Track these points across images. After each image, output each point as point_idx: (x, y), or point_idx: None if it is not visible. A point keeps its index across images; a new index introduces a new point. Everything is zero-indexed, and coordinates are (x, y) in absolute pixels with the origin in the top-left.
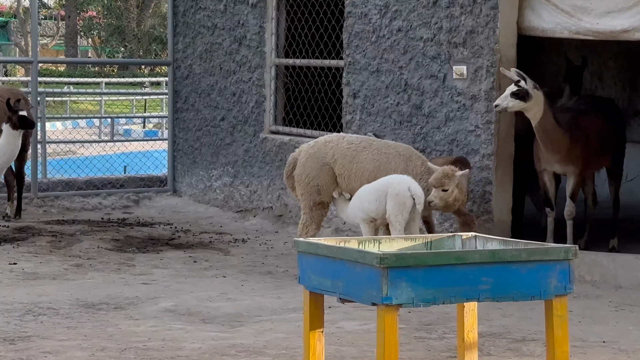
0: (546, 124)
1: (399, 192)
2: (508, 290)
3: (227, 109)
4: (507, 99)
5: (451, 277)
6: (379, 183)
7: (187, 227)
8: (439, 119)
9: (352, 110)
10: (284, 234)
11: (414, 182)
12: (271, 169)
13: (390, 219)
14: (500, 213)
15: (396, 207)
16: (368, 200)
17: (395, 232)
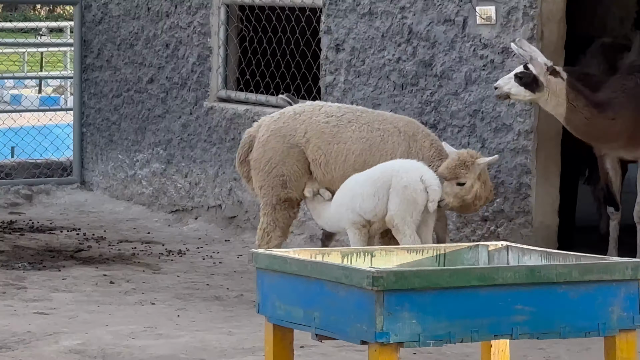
0: (576, 120)
1: (409, 184)
2: (553, 322)
3: (157, 66)
4: (511, 82)
5: (473, 305)
6: (379, 171)
7: (100, 234)
8: (456, 81)
9: (334, 69)
10: (238, 244)
11: (428, 170)
12: (220, 152)
13: (396, 221)
14: (543, 214)
15: (404, 206)
16: (362, 196)
17: (404, 240)
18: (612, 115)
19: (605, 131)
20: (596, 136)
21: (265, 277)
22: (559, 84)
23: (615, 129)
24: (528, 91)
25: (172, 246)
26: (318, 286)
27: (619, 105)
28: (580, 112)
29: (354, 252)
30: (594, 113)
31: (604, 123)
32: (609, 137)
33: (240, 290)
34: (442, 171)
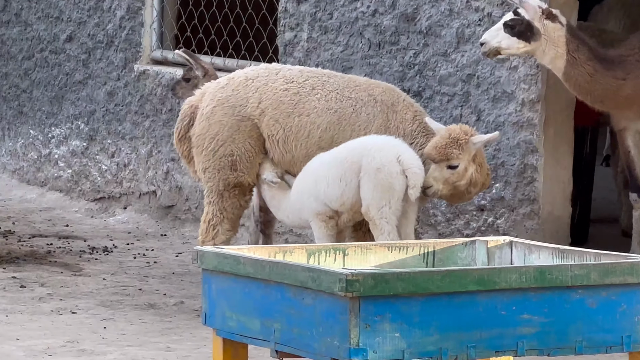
0: (576, 76)
1: (382, 166)
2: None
3: (77, 21)
4: (500, 34)
5: (470, 314)
6: (347, 149)
7: (7, 227)
8: (446, 39)
9: (295, 24)
10: (177, 239)
11: (408, 149)
12: (154, 126)
13: (371, 213)
14: (552, 202)
15: (378, 193)
16: (327, 180)
17: (381, 238)
18: (622, 75)
19: (612, 93)
20: (600, 98)
21: (212, 281)
22: (558, 30)
23: (625, 91)
24: (522, 41)
25: (96, 242)
26: (279, 292)
27: (633, 64)
28: (582, 67)
29: (322, 250)
30: (598, 69)
31: (612, 83)
32: (618, 102)
33: (181, 296)
34: (429, 151)
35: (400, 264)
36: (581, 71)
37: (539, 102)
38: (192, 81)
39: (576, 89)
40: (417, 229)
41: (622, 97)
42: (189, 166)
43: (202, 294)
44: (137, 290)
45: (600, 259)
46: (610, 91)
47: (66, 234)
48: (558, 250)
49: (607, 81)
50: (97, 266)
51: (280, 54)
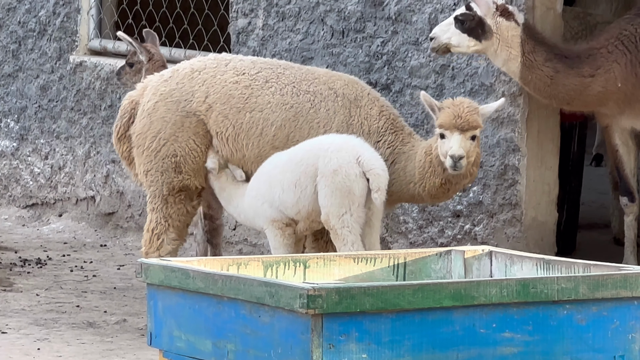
0: (535, 80)
1: (339, 168)
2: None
3: (5, 7)
4: (451, 30)
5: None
6: (303, 150)
7: None
8: (417, 25)
9: (249, 10)
10: (118, 250)
11: (369, 148)
12: (92, 124)
13: (331, 222)
14: (536, 207)
15: (337, 199)
16: (281, 184)
17: (344, 246)
18: (589, 71)
19: (578, 93)
20: (566, 100)
21: (159, 297)
22: (512, 29)
23: (595, 89)
24: (472, 39)
25: (28, 253)
26: (232, 309)
27: (604, 57)
28: (539, 69)
29: (281, 262)
30: (560, 69)
31: (576, 82)
32: (587, 101)
33: (123, 313)
34: (451, 121)
35: (367, 277)
36: (539, 74)
37: (521, 95)
38: (136, 66)
39: (537, 92)
40: (386, 238)
41: (591, 95)
42: (130, 168)
43: (147, 312)
44: (74, 307)
45: (590, 270)
46: (575, 91)
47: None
48: (543, 260)
49: (571, 81)
50: (29, 280)
51: (232, 43)
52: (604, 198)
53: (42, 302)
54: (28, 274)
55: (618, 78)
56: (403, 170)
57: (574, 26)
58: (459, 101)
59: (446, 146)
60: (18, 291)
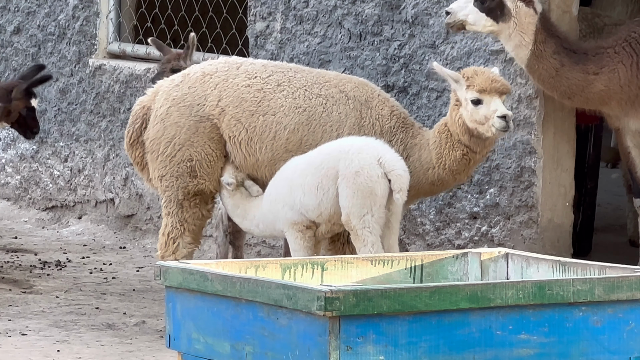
0: (541, 70)
1: (361, 169)
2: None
3: (26, 10)
4: (469, 7)
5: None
6: (323, 154)
7: None
8: (434, 29)
9: (267, 14)
10: (137, 252)
11: (389, 150)
12: (111, 127)
13: (352, 222)
14: (553, 209)
15: (359, 199)
16: (302, 188)
17: (364, 247)
18: (594, 69)
19: (581, 89)
20: (568, 94)
21: (177, 299)
22: (530, 16)
23: (597, 87)
24: (490, 19)
25: (48, 256)
26: (250, 311)
27: (610, 57)
28: (547, 60)
29: (298, 264)
30: (566, 63)
31: (580, 78)
32: (588, 98)
33: (142, 315)
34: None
35: (384, 280)
36: (546, 65)
37: (537, 98)
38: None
39: (540, 82)
40: (403, 240)
41: (593, 93)
42: (142, 173)
43: (165, 314)
44: (93, 309)
45: (606, 272)
46: (578, 87)
47: (15, 247)
48: (559, 262)
49: (575, 76)
50: (49, 282)
51: (250, 47)
52: (620, 200)
53: (61, 304)
54: (48, 276)
55: (622, 79)
56: (419, 160)
57: (581, 27)
58: (481, 69)
59: (484, 111)
60: (38, 293)
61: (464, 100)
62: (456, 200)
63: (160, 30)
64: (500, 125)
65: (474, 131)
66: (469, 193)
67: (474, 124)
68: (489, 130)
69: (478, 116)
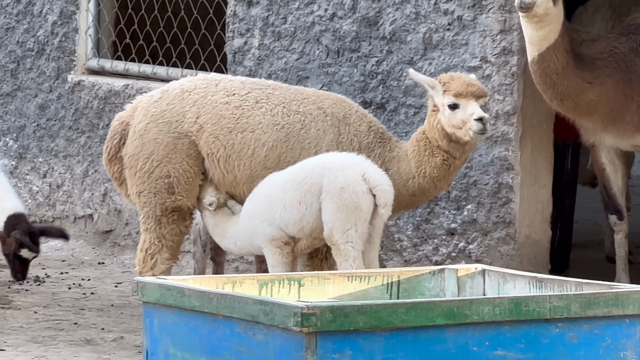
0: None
1: (346, 185)
2: None
3: (4, 27)
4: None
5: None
6: (306, 169)
7: None
8: (412, 44)
9: (245, 30)
10: (115, 267)
11: (372, 165)
12: (90, 143)
13: (334, 237)
14: (530, 225)
15: (343, 214)
16: (283, 203)
17: (346, 262)
18: (589, 77)
19: (575, 94)
20: (561, 96)
21: (155, 315)
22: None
23: (589, 96)
24: (551, 1)
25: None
26: (227, 327)
27: (601, 69)
28: (560, 55)
29: (275, 280)
30: (570, 65)
31: (577, 83)
32: (578, 105)
33: (120, 330)
34: (465, 88)
35: (361, 296)
36: (555, 60)
37: (515, 114)
38: None
39: (542, 77)
40: (381, 255)
41: (584, 101)
42: (121, 189)
43: (143, 329)
44: (72, 324)
45: (582, 288)
46: (574, 91)
47: None
48: (535, 279)
49: (574, 79)
50: (27, 298)
51: (229, 63)
52: (598, 216)
53: (40, 320)
54: (26, 291)
55: (609, 92)
56: (397, 172)
57: None
58: (457, 74)
59: (462, 115)
60: (16, 309)
61: (440, 106)
62: (434, 216)
63: (138, 46)
64: (478, 127)
65: (452, 136)
66: (446, 209)
67: (452, 129)
68: (467, 134)
69: (455, 120)
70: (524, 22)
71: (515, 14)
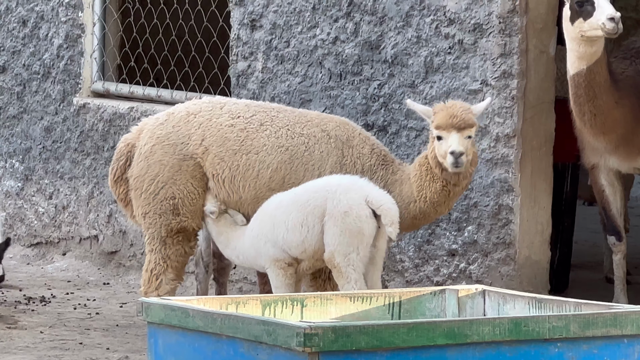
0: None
1: (350, 210)
2: None
3: (10, 50)
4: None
5: None
6: (309, 191)
7: None
8: (413, 68)
9: (249, 53)
10: (120, 288)
11: (374, 188)
12: (95, 165)
13: (336, 260)
14: (530, 246)
15: (346, 238)
16: (286, 225)
17: (348, 284)
18: (617, 97)
19: (608, 110)
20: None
21: (159, 335)
22: None
23: (615, 115)
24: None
25: (32, 291)
26: (231, 347)
27: (623, 90)
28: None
29: (278, 301)
30: (608, 79)
31: (610, 101)
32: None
33: (125, 350)
34: (448, 121)
35: (363, 316)
36: (600, 72)
37: (515, 137)
38: None
39: (587, 88)
40: (383, 276)
41: (610, 119)
42: (126, 210)
43: (147, 350)
44: (77, 344)
45: (581, 308)
46: (606, 108)
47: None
48: (535, 299)
49: (607, 97)
50: (33, 318)
51: (232, 86)
52: (597, 237)
53: (45, 340)
54: (32, 311)
55: (628, 114)
56: (400, 195)
57: (560, 67)
58: (451, 103)
59: (444, 146)
60: (22, 328)
61: (430, 136)
62: (435, 237)
63: (143, 69)
64: (450, 161)
65: (443, 165)
66: (447, 230)
67: (441, 159)
68: (449, 166)
69: (441, 151)
70: (577, 39)
71: (515, 38)
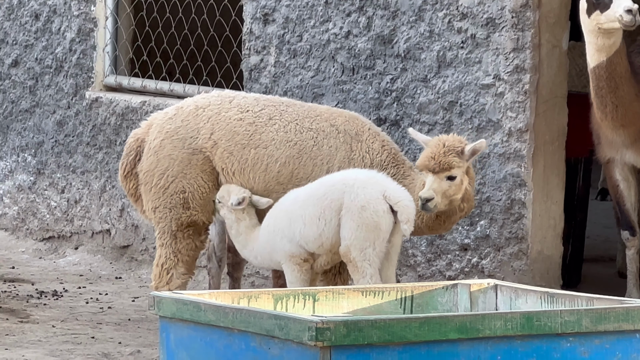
0: (617, 65)
1: (367, 204)
2: None
3: (23, 44)
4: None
5: None
6: (326, 186)
7: None
8: (426, 62)
9: (262, 48)
10: (133, 282)
11: (392, 183)
12: (108, 159)
13: (352, 254)
14: (542, 241)
15: (362, 233)
16: (303, 219)
17: (363, 279)
18: (637, 89)
19: (630, 102)
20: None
21: (171, 329)
22: None
23: (636, 107)
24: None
25: (44, 285)
26: (243, 341)
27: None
28: (624, 58)
29: (290, 295)
30: (629, 70)
31: (631, 92)
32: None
33: (137, 344)
34: (425, 162)
35: (375, 310)
36: (620, 63)
37: (527, 131)
38: None
39: (608, 79)
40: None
41: (631, 111)
42: (136, 205)
43: (159, 344)
44: (89, 338)
45: (593, 303)
46: (627, 100)
47: (12, 276)
48: (547, 294)
49: (629, 88)
50: (46, 312)
51: (245, 80)
52: (609, 232)
53: (58, 334)
54: (44, 305)
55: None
56: None
57: (579, 63)
58: (439, 141)
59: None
60: (34, 322)
61: None
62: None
63: (156, 63)
64: (420, 204)
65: None
66: (459, 225)
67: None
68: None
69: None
70: (594, 32)
71: (528, 32)
